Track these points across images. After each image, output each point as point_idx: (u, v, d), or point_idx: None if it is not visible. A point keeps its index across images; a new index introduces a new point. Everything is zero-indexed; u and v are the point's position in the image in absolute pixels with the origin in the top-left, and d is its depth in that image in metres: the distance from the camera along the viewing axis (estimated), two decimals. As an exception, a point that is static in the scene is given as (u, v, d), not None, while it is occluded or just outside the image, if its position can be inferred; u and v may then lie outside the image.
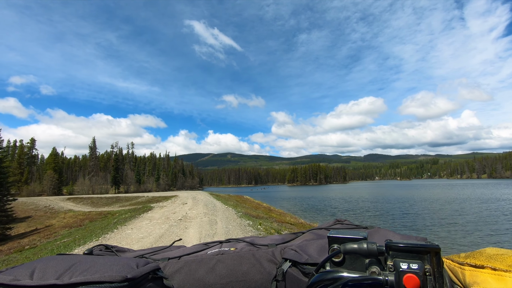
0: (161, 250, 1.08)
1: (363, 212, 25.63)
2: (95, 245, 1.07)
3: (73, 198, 39.18)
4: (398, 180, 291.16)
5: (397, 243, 0.57)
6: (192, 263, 0.89)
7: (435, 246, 0.55)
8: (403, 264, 0.54)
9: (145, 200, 30.03)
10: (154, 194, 36.55)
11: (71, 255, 0.78)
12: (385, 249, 0.57)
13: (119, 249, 1.10)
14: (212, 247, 1.02)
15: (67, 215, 28.51)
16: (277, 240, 1.03)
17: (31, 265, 0.69)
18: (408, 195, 45.01)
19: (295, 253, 0.81)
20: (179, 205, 18.40)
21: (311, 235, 1.04)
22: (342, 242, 0.62)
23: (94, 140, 76.66)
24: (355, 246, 0.58)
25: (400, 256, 0.56)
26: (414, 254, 0.55)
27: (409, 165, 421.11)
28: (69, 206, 33.80)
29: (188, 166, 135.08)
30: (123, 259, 0.76)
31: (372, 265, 0.58)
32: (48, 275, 0.64)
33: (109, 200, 34.85)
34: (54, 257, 0.75)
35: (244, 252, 0.92)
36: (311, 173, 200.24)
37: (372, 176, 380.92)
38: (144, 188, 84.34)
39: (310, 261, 0.74)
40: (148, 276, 0.73)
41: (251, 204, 23.18)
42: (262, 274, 0.84)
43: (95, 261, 0.71)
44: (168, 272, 0.86)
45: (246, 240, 1.05)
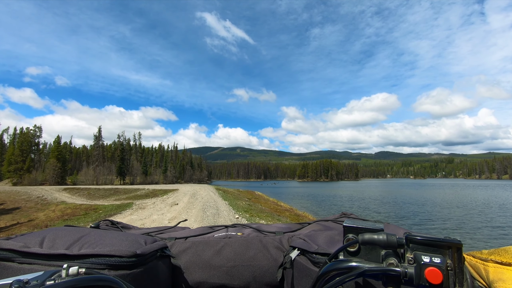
0: (166, 230, 1.09)
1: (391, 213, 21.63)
2: (101, 220, 1.07)
3: (69, 188, 36.39)
4: (412, 179, 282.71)
5: (417, 236, 0.56)
6: (199, 244, 0.89)
7: (457, 241, 0.54)
8: (425, 257, 0.52)
9: (143, 194, 26.77)
10: (155, 187, 33.28)
11: (79, 227, 0.79)
12: (405, 241, 0.56)
13: (124, 226, 1.11)
14: (218, 230, 1.02)
15: (57, 208, 25.57)
16: (283, 229, 1.04)
17: (40, 234, 0.69)
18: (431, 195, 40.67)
19: (304, 242, 0.80)
20: (166, 206, 14.38)
21: (318, 226, 1.04)
22: (358, 232, 0.62)
23: (100, 129, 74.18)
24: (374, 237, 0.57)
25: (421, 249, 0.55)
26: (436, 249, 0.54)
27: (422, 163, 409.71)
28: (64, 197, 30.90)
29: (197, 158, 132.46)
30: (131, 235, 0.76)
31: (390, 257, 0.57)
32: (57, 245, 0.65)
33: (106, 192, 31.78)
34: (62, 228, 0.75)
35: (251, 238, 0.92)
36: (322, 169, 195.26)
37: (383, 173, 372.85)
38: (150, 180, 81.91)
39: (320, 250, 0.73)
40: (156, 253, 0.73)
41: (268, 205, 18.74)
42: (269, 260, 0.85)
43: (103, 234, 0.71)
44: (175, 252, 0.86)
45: (253, 226, 1.05)
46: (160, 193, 24.28)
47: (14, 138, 68.55)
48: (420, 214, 21.38)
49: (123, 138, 75.18)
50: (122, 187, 36.10)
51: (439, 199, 34.17)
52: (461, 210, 23.13)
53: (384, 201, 32.28)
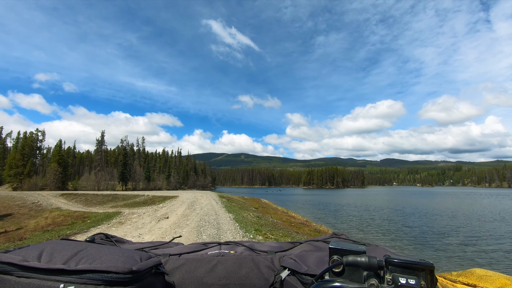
0: (160, 245, 1.09)
1: (423, 227, 19.44)
2: (96, 233, 1.07)
3: (67, 194, 34.88)
4: (419, 187, 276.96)
5: (395, 258, 0.60)
6: (192, 261, 0.89)
7: (430, 264, 0.58)
8: (402, 279, 0.56)
9: (141, 201, 25.08)
10: (156, 193, 31.57)
11: (75, 241, 0.79)
12: (384, 263, 0.60)
13: (118, 240, 1.11)
14: (211, 247, 1.03)
15: (51, 215, 24.04)
16: (275, 248, 1.05)
17: (38, 247, 0.69)
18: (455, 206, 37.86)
19: (294, 262, 0.82)
20: (152, 221, 12.07)
21: (309, 246, 1.06)
22: (343, 254, 0.64)
23: (103, 134, 73.09)
24: (357, 259, 0.61)
25: (398, 271, 0.59)
26: (411, 271, 0.58)
27: (429, 171, 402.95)
28: (60, 203, 29.37)
29: (201, 164, 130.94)
30: (126, 250, 0.76)
31: (371, 278, 0.60)
32: (55, 259, 0.65)
33: (104, 198, 30.18)
34: (59, 242, 0.75)
35: (243, 256, 0.92)
36: (328, 176, 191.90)
37: (390, 181, 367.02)
38: (153, 186, 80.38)
39: (309, 271, 0.75)
40: (151, 270, 0.73)
41: (279, 216, 16.52)
42: (260, 279, 0.85)
43: (100, 249, 0.72)
44: (168, 268, 0.86)
45: (245, 244, 1.06)
46: (159, 200, 22.60)
47: (17, 142, 67.83)
48: (461, 230, 18.43)
49: (126, 143, 73.93)
50: (121, 193, 34.49)
51: (468, 211, 31.24)
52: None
53: (406, 212, 29.57)
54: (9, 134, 73.01)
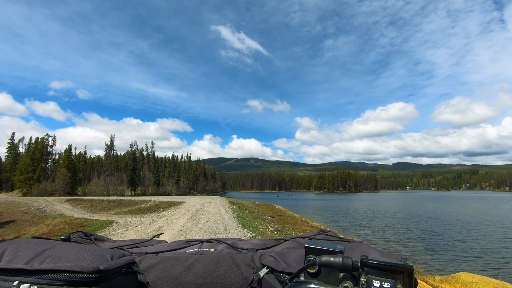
0: (140, 243, 1.06)
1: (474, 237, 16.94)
2: (74, 231, 1.04)
3: (72, 200, 33.79)
4: (434, 191, 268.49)
5: (371, 260, 0.55)
6: (169, 260, 0.86)
7: (408, 266, 0.54)
8: (375, 282, 0.52)
9: (146, 207, 23.55)
10: (163, 199, 30.02)
11: (46, 240, 0.76)
12: (360, 265, 0.56)
13: (98, 238, 1.07)
14: (192, 245, 1.00)
15: (53, 222, 22.76)
16: (258, 245, 1.01)
17: (2, 246, 0.67)
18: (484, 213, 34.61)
19: (273, 260, 0.79)
20: (146, 235, 10.27)
21: (293, 243, 1.03)
22: (318, 254, 0.61)
23: (112, 138, 72.70)
24: (330, 259, 0.57)
25: (374, 273, 0.55)
26: (388, 273, 0.54)
27: (443, 174, 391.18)
28: (64, 209, 28.16)
29: (210, 169, 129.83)
30: (98, 249, 0.73)
31: (346, 280, 0.56)
32: (17, 259, 0.62)
33: (110, 204, 28.86)
34: (28, 240, 0.72)
35: (222, 254, 0.90)
36: (340, 180, 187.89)
37: (403, 185, 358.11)
38: (163, 191, 79.39)
39: (287, 269, 0.72)
40: (122, 269, 0.70)
41: (300, 227, 13.80)
42: (239, 278, 0.83)
43: (69, 248, 0.68)
44: (143, 267, 0.83)
45: (227, 242, 1.04)
46: (163, 207, 21.02)
47: (29, 148, 68.10)
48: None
49: (135, 148, 73.26)
50: (128, 198, 33.18)
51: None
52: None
53: (446, 220, 26.38)
54: (21, 140, 73.54)
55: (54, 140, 71.06)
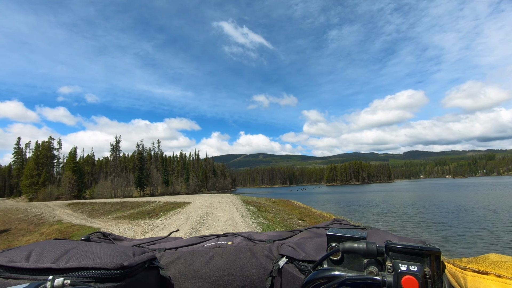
0: (158, 240, 1.09)
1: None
2: (92, 232, 1.07)
3: (74, 204, 31.65)
4: (450, 178, 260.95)
5: (396, 244, 0.55)
6: (188, 254, 0.88)
7: (435, 249, 0.54)
8: (402, 266, 0.52)
9: (150, 209, 21.04)
10: (169, 199, 27.43)
11: (68, 241, 0.78)
12: (384, 250, 0.56)
13: (116, 237, 1.10)
14: (209, 240, 1.02)
15: (49, 230, 20.47)
16: (274, 237, 1.03)
17: (28, 248, 0.69)
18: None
19: (292, 249, 0.80)
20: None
21: (309, 233, 1.04)
22: (341, 241, 0.61)
23: (117, 138, 70.75)
24: (354, 245, 0.57)
25: (400, 257, 0.55)
26: (414, 256, 0.54)
27: (458, 161, 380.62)
28: (64, 215, 25.94)
29: (220, 166, 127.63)
30: (120, 247, 0.76)
31: (371, 265, 0.56)
32: (44, 259, 0.64)
33: (112, 207, 26.51)
34: (51, 242, 0.75)
35: (241, 247, 0.92)
36: (352, 171, 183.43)
37: (416, 174, 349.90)
38: (172, 190, 77.47)
39: (307, 258, 0.73)
40: (144, 265, 0.72)
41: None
42: (258, 269, 0.85)
43: (91, 247, 0.71)
44: (164, 262, 0.85)
45: (244, 235, 1.05)
46: (165, 209, 18.41)
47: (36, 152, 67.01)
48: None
49: (142, 147, 71.18)
50: (131, 200, 30.78)
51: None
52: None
53: (475, 208, 23.61)
54: (28, 145, 72.46)
55: (60, 143, 69.79)
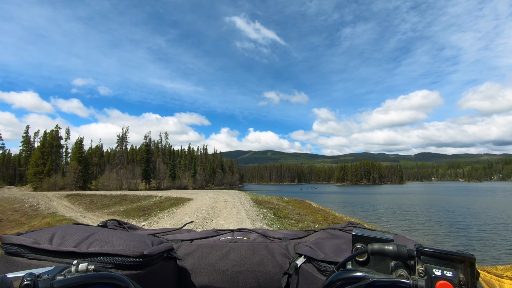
0: (171, 231, 1.09)
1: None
2: (108, 220, 1.08)
3: (72, 195, 30.04)
4: (464, 182, 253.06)
5: (429, 248, 0.54)
6: (205, 247, 0.88)
7: (470, 255, 0.52)
8: (436, 271, 0.50)
9: (149, 205, 18.98)
10: (171, 194, 25.35)
11: (87, 226, 0.80)
12: (415, 253, 0.54)
13: (131, 226, 1.12)
14: (223, 234, 1.02)
15: (40, 223, 18.60)
16: (289, 235, 1.02)
17: (50, 230, 0.70)
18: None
19: (310, 249, 0.80)
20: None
21: (325, 234, 1.03)
22: (368, 242, 0.60)
23: (124, 129, 69.35)
24: (384, 247, 0.55)
25: (432, 262, 0.53)
26: (448, 262, 0.52)
27: (472, 165, 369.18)
28: (60, 206, 24.18)
29: (228, 161, 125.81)
30: (138, 235, 0.77)
31: (399, 268, 0.54)
32: (66, 242, 0.65)
33: (111, 200, 24.68)
34: (71, 226, 0.76)
35: (257, 243, 0.91)
36: (363, 171, 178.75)
37: (428, 176, 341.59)
38: (179, 184, 75.89)
39: (327, 259, 0.72)
40: (163, 255, 0.73)
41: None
42: (274, 266, 0.84)
43: (112, 234, 0.72)
44: (180, 254, 0.86)
45: (258, 232, 1.04)
46: (165, 206, 16.34)
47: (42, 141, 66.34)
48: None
49: (149, 139, 69.56)
50: (132, 193, 28.92)
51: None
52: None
53: (499, 216, 20.61)
54: (36, 133, 71.91)
55: (68, 133, 68.84)
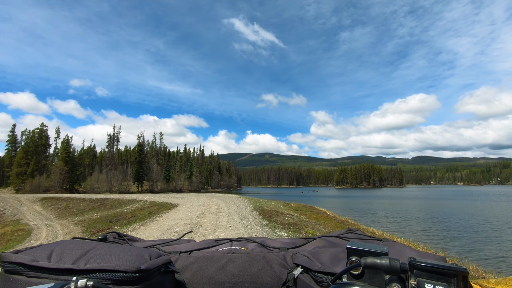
0: (171, 242, 1.08)
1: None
2: (108, 232, 1.08)
3: (48, 198, 26.80)
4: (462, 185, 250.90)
5: (422, 262, 0.54)
6: (203, 259, 0.88)
7: (463, 269, 0.52)
8: (428, 285, 0.50)
9: (129, 211, 15.80)
10: (157, 198, 21.97)
11: (86, 241, 0.80)
12: (408, 267, 0.54)
13: (131, 238, 1.11)
14: (222, 244, 1.01)
15: (0, 231, 15.42)
16: (288, 244, 1.01)
17: (49, 247, 0.70)
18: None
19: (307, 259, 0.79)
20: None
21: (323, 241, 1.02)
22: (362, 255, 0.60)
23: (115, 128, 65.78)
24: (377, 261, 0.55)
25: (425, 276, 0.53)
26: (440, 276, 0.52)
27: (469, 168, 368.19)
28: (30, 212, 20.92)
29: (225, 163, 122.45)
30: (136, 249, 0.76)
31: (393, 282, 0.54)
32: (65, 259, 0.65)
33: (90, 204, 21.45)
34: (70, 241, 0.76)
35: (255, 253, 0.90)
36: (363, 174, 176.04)
37: (427, 180, 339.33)
38: (173, 186, 72.45)
39: (323, 269, 0.72)
40: (161, 268, 0.73)
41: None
42: (272, 277, 0.84)
43: (109, 248, 0.72)
44: (179, 266, 0.85)
45: (257, 241, 1.03)
46: (139, 217, 12.98)
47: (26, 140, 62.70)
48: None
49: (142, 139, 66.16)
50: (115, 197, 25.72)
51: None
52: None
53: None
54: (23, 132, 68.27)
55: (58, 132, 65.39)
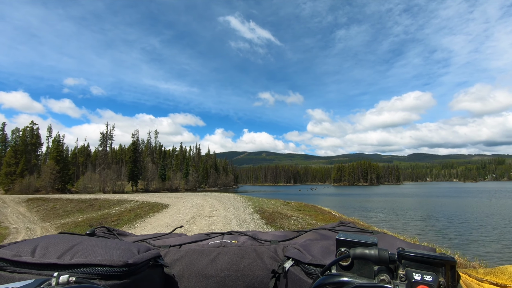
0: (161, 236, 1.07)
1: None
2: (97, 226, 1.05)
3: (34, 199, 25.27)
4: (458, 182, 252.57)
5: (410, 252, 0.54)
6: (193, 253, 0.87)
7: (451, 259, 0.52)
8: (416, 275, 0.50)
9: (118, 212, 14.39)
10: (150, 199, 20.51)
11: (73, 235, 0.78)
12: (397, 257, 0.54)
13: (120, 233, 1.09)
14: (213, 237, 1.00)
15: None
16: (279, 237, 1.01)
17: (33, 242, 0.68)
18: None
19: (298, 252, 0.79)
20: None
21: (314, 234, 1.02)
22: (351, 246, 0.59)
23: (108, 126, 63.88)
24: (366, 252, 0.55)
25: (413, 266, 0.53)
26: (428, 266, 0.52)
27: (465, 165, 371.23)
28: (12, 214, 19.39)
29: (222, 162, 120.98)
30: (124, 243, 0.75)
31: (382, 273, 0.54)
32: (49, 254, 0.63)
33: (77, 205, 20.01)
34: (56, 236, 0.74)
35: (246, 247, 0.90)
36: (360, 172, 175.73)
37: (423, 177, 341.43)
38: (169, 185, 70.90)
39: (313, 261, 0.71)
40: (149, 263, 0.71)
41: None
42: (263, 270, 0.83)
43: (96, 243, 0.70)
44: (168, 260, 0.84)
45: (248, 234, 1.02)
46: (128, 219, 11.66)
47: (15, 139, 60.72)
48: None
49: (137, 137, 64.43)
50: (105, 197, 24.31)
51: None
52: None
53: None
54: (14, 131, 66.22)
55: (50, 131, 63.47)
